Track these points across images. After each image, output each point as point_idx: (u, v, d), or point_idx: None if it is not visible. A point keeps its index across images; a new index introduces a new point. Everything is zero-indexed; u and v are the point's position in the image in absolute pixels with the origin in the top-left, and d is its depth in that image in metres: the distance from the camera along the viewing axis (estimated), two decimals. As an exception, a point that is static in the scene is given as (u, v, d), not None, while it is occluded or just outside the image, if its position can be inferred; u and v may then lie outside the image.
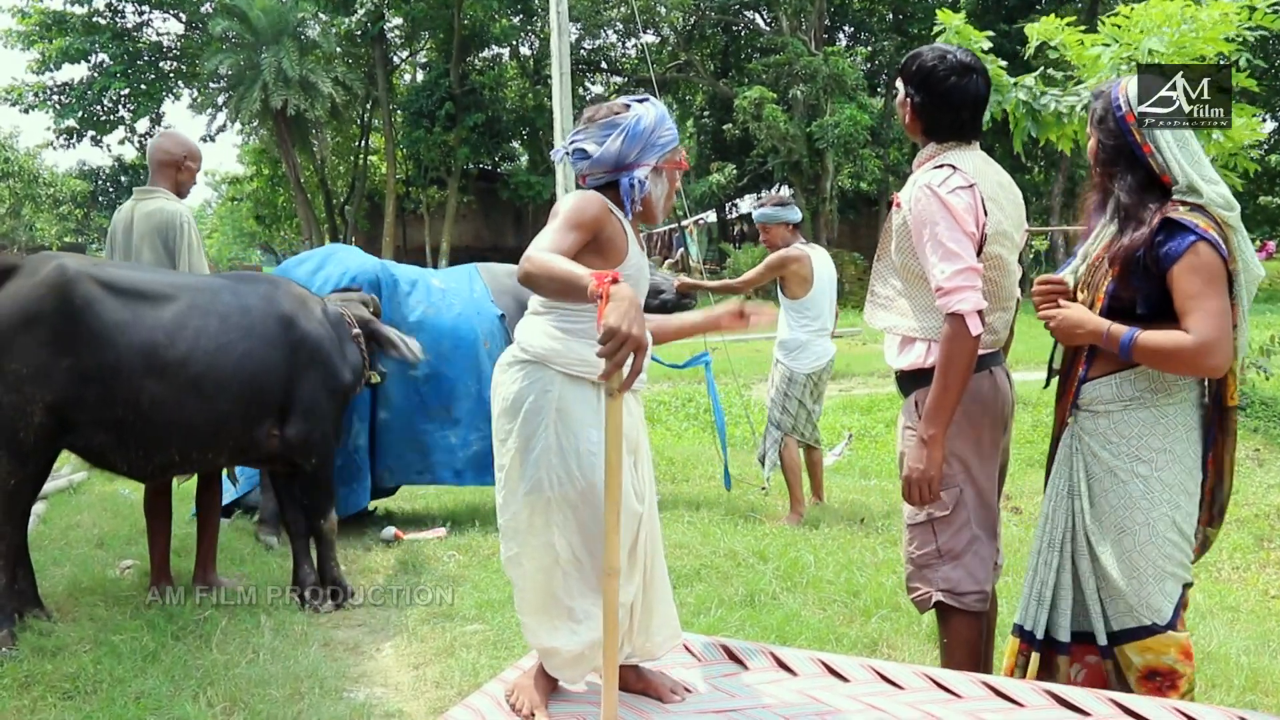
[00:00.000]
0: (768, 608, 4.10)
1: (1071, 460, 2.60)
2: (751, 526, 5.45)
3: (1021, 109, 6.91)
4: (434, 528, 5.54)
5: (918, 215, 2.66)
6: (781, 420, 5.72)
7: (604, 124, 2.49)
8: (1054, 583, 2.58)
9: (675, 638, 2.63)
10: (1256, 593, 4.88)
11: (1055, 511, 2.60)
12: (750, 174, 29.40)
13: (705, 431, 9.28)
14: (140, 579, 4.51)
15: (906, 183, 2.80)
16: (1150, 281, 2.42)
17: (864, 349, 15.11)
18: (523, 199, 31.86)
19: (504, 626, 3.88)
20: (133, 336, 3.78)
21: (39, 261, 3.79)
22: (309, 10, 29.01)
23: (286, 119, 29.25)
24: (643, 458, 2.55)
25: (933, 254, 2.62)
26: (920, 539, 2.80)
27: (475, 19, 30.06)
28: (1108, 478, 2.52)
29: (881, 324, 2.89)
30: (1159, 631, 2.46)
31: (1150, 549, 2.47)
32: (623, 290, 1.96)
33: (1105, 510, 2.52)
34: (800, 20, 28.26)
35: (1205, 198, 2.42)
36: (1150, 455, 2.49)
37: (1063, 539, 2.58)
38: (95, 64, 30.93)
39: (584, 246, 2.37)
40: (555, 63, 11.41)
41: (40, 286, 3.67)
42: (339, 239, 35.56)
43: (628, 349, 1.91)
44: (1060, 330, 2.55)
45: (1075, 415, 2.61)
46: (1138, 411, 2.50)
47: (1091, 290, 2.54)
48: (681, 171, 2.64)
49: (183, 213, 4.34)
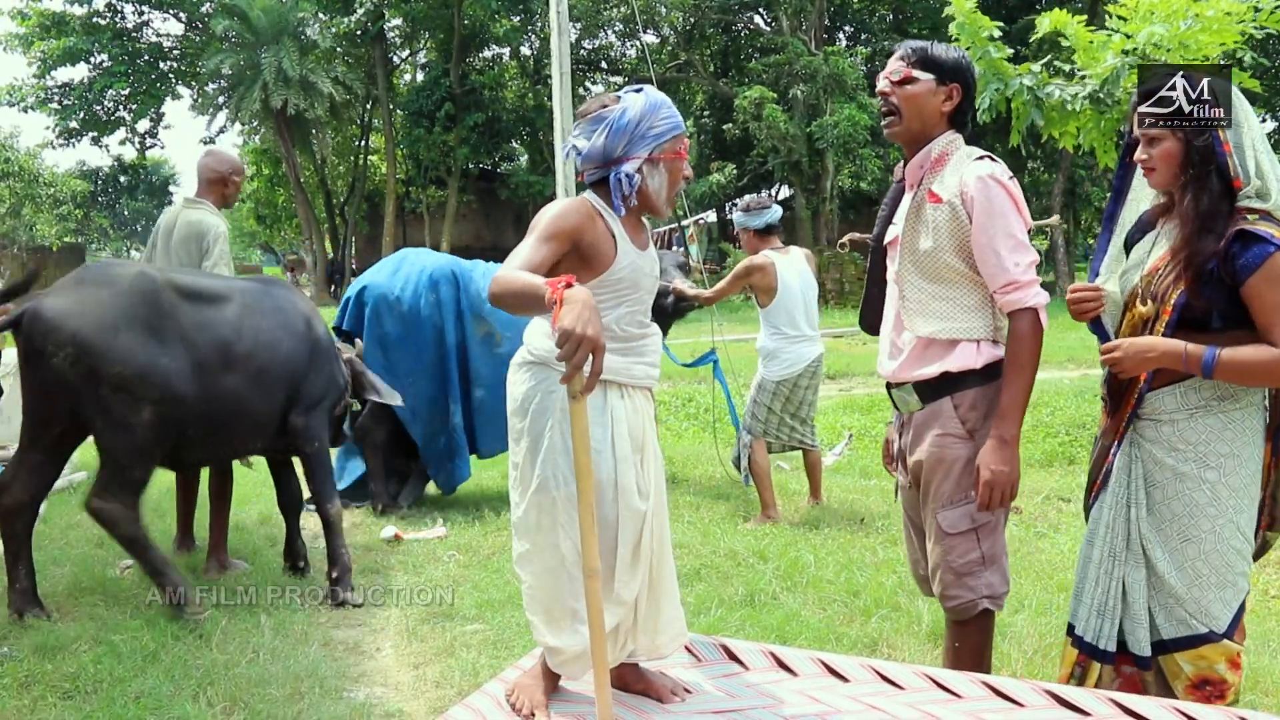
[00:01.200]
0: (768, 607, 4.10)
1: (1131, 469, 2.55)
2: (754, 526, 5.45)
3: (1026, 96, 6.89)
4: (434, 528, 5.54)
5: (984, 206, 2.55)
6: (751, 425, 5.73)
7: (592, 119, 2.48)
8: (1115, 593, 2.54)
9: (681, 637, 2.63)
10: (1256, 592, 4.87)
11: (1116, 520, 2.56)
12: (750, 174, 29.42)
13: (705, 431, 9.28)
14: (140, 579, 4.51)
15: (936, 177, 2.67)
16: (1222, 293, 2.37)
17: (864, 349, 15.11)
18: (523, 199, 31.88)
19: (504, 626, 3.88)
20: (210, 335, 4.11)
21: (117, 269, 4.06)
22: (309, 10, 29.06)
23: (286, 119, 29.30)
24: (649, 455, 2.54)
25: (1003, 246, 2.54)
26: (963, 546, 2.69)
27: (475, 19, 30.07)
28: (1174, 483, 2.47)
29: (923, 330, 2.71)
30: (1215, 640, 2.44)
31: (1215, 556, 2.44)
32: (576, 293, 1.97)
33: (1168, 517, 2.48)
34: (800, 20, 28.29)
35: (1273, 202, 2.37)
36: (1218, 461, 2.44)
37: (1124, 549, 2.54)
38: (96, 64, 30.97)
39: (564, 256, 2.37)
40: (555, 62, 11.42)
41: (132, 293, 3.91)
42: (339, 239, 35.60)
43: (584, 350, 1.92)
44: (1129, 364, 2.45)
45: (1135, 424, 2.55)
46: (1204, 419, 2.45)
47: (1157, 301, 2.46)
48: (683, 161, 2.55)
49: (219, 226, 4.77)
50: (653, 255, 2.63)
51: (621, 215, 2.48)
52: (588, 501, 2.07)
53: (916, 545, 2.92)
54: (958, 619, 2.76)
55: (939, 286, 2.68)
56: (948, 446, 2.68)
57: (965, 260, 2.63)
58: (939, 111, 2.67)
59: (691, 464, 7.42)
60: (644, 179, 2.48)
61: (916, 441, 2.76)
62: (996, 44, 6.91)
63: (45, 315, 3.76)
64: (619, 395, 2.47)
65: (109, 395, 3.79)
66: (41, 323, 3.75)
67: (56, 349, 3.74)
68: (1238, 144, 2.39)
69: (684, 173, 2.56)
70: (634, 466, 2.46)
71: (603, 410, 2.42)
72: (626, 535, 2.44)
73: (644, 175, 2.48)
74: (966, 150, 2.68)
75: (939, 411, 2.70)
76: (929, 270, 2.68)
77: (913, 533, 2.93)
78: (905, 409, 2.82)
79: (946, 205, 2.61)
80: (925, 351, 2.71)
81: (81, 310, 3.79)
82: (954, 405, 2.68)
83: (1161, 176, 2.48)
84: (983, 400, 2.65)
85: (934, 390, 2.71)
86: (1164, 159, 2.46)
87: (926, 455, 2.71)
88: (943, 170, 2.67)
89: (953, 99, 2.66)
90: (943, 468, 2.68)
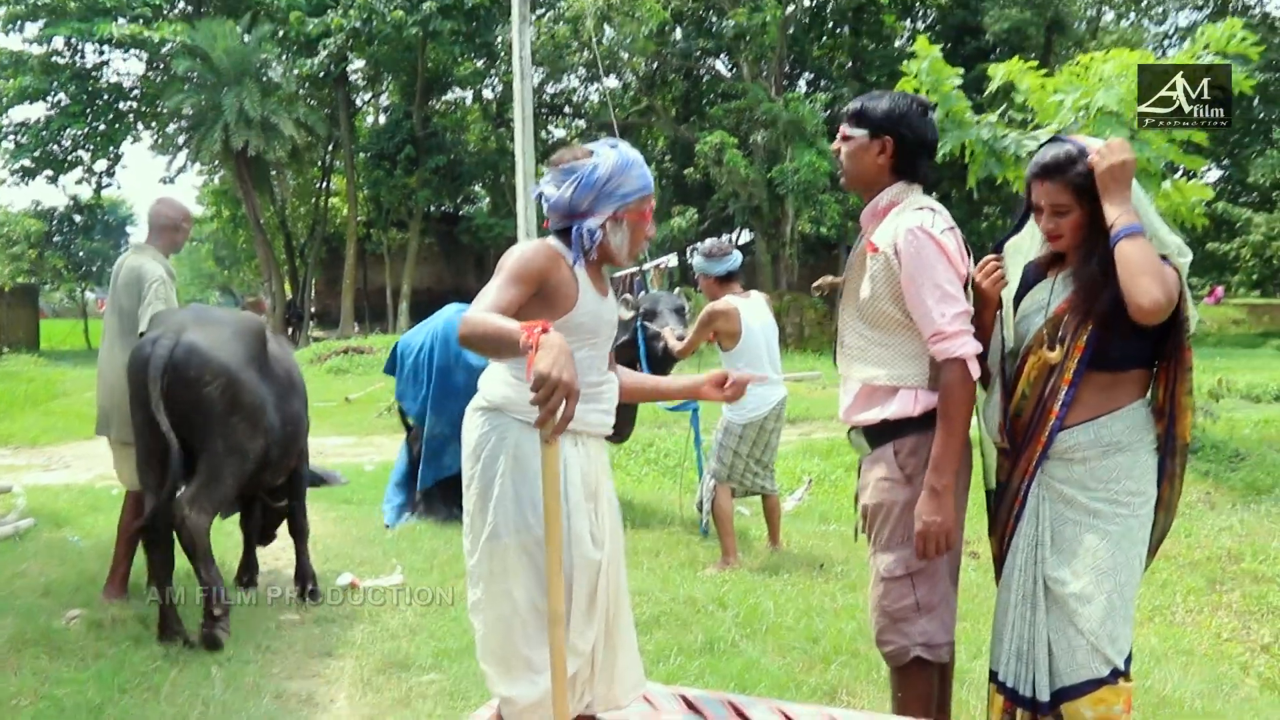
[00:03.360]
0: (727, 655, 4.08)
1: (1039, 510, 2.60)
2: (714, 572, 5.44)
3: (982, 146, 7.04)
4: (391, 575, 5.47)
5: (911, 258, 2.60)
6: (717, 470, 5.72)
7: (563, 170, 2.51)
8: (1030, 638, 2.57)
9: (639, 687, 2.62)
10: (1210, 636, 4.93)
11: (1026, 564, 2.61)
12: (711, 218, 29.64)
13: (665, 476, 9.27)
14: (87, 629, 4.41)
15: (877, 226, 2.73)
16: (1124, 329, 2.46)
17: (823, 393, 15.20)
18: (484, 242, 31.85)
19: (461, 676, 3.83)
20: (279, 366, 4.77)
21: (219, 312, 4.74)
22: (272, 51, 29.01)
23: (247, 160, 29.13)
24: (604, 503, 2.54)
25: (929, 297, 2.58)
26: (897, 592, 2.71)
27: (438, 61, 30.21)
28: (1088, 520, 2.53)
29: (859, 375, 2.78)
30: (1113, 682, 2.48)
31: (1128, 589, 2.52)
32: (552, 339, 2.00)
33: (1080, 553, 2.53)
34: (760, 67, 28.69)
35: (1169, 247, 2.49)
36: (1128, 498, 2.53)
37: (1033, 591, 2.58)
38: (53, 103, 30.67)
39: (530, 298, 2.38)
40: (518, 106, 11.50)
41: (246, 334, 4.51)
42: (299, 281, 35.35)
43: (559, 394, 1.94)
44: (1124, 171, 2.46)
45: (1043, 465, 2.60)
46: (1115, 456, 2.53)
47: (1065, 344, 2.54)
48: (647, 221, 2.58)
49: (157, 271, 4.87)
50: (612, 303, 2.66)
51: (578, 263, 2.50)
52: (556, 547, 2.07)
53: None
54: (893, 665, 2.80)
55: (877, 333, 2.74)
56: (887, 490, 2.73)
57: (901, 309, 2.68)
58: (875, 165, 2.74)
59: (651, 509, 7.40)
60: (606, 236, 2.50)
61: (864, 485, 2.82)
62: (959, 94, 7.06)
63: (201, 348, 4.25)
64: (572, 443, 2.47)
65: (238, 423, 4.31)
66: (199, 355, 4.23)
67: (212, 379, 4.22)
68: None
69: (647, 232, 2.59)
70: (588, 515, 2.46)
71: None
72: (581, 584, 2.43)
73: (606, 232, 2.50)
74: (913, 200, 2.72)
75: (881, 456, 2.76)
76: (869, 317, 2.74)
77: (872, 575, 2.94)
78: (860, 452, 2.88)
79: (882, 255, 2.67)
80: (870, 397, 2.77)
81: (223, 346, 4.32)
82: (894, 451, 2.73)
83: (1068, 242, 2.59)
84: (922, 446, 2.68)
85: (878, 435, 2.77)
86: (1072, 228, 2.56)
87: (870, 499, 2.78)
88: (883, 221, 2.73)
89: (886, 151, 2.71)
90: (883, 511, 2.74)
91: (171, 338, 4.23)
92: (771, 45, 27.60)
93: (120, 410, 4.62)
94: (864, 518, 2.84)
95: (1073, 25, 29.34)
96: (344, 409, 14.86)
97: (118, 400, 4.64)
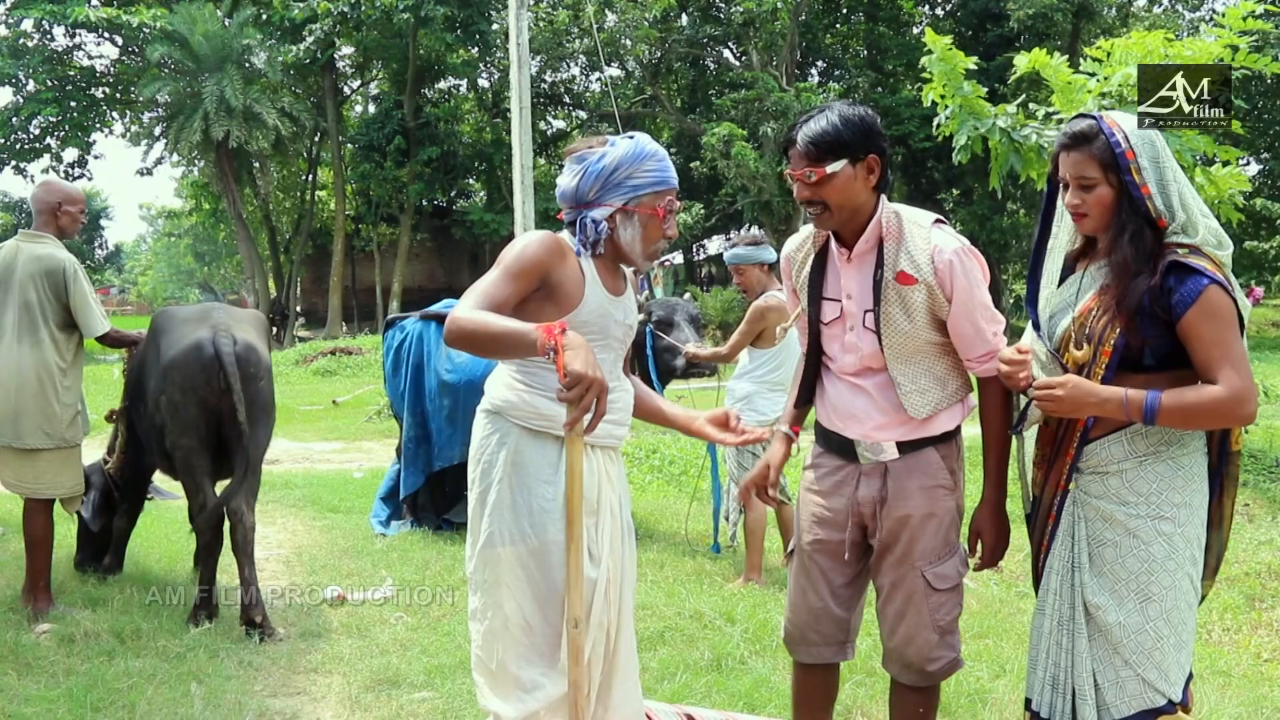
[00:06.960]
0: (735, 673, 4.07)
1: (1074, 529, 2.53)
2: (718, 586, 5.42)
3: (1002, 139, 7.03)
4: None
5: (963, 280, 2.59)
6: (740, 475, 5.70)
7: (575, 158, 2.53)
8: (1067, 666, 2.52)
9: (636, 718, 2.61)
10: (1249, 656, 4.92)
11: (1062, 587, 2.55)
12: (719, 214, 29.68)
13: (670, 484, 9.26)
14: (59, 644, 4.40)
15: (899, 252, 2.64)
16: (1156, 329, 2.39)
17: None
18: (478, 238, 31.90)
19: (454, 694, 3.82)
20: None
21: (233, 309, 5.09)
22: (254, 37, 29.02)
23: (229, 151, 29.19)
24: (605, 518, 2.52)
25: (981, 318, 2.63)
26: (950, 602, 2.73)
27: (430, 49, 30.25)
28: (1126, 541, 2.45)
29: (927, 410, 2.70)
30: (1170, 711, 2.42)
31: (1174, 615, 2.43)
32: (575, 338, 2.01)
33: (1123, 577, 2.45)
34: (771, 55, 28.72)
35: (1200, 237, 2.41)
36: (1172, 511, 2.44)
37: (1070, 617, 2.52)
38: (21, 88, 30.70)
39: (531, 293, 2.38)
40: (515, 96, 11.49)
41: (261, 327, 4.99)
42: (284, 278, 35.39)
43: (593, 393, 1.95)
44: (1068, 407, 2.41)
45: (1076, 479, 2.54)
46: (1154, 466, 2.45)
47: (1093, 344, 2.46)
48: (661, 217, 2.54)
49: (71, 260, 4.87)
50: (628, 304, 2.63)
51: (585, 257, 2.50)
52: (576, 550, 2.09)
53: (825, 603, 2.84)
54: (938, 680, 2.77)
55: (925, 362, 2.71)
56: (940, 499, 2.71)
57: (939, 330, 2.68)
58: (866, 189, 2.64)
59: (656, 519, 7.39)
60: (614, 229, 2.49)
61: (899, 494, 2.71)
62: (972, 82, 7.06)
63: (255, 345, 4.75)
64: None
65: (266, 415, 4.81)
66: (255, 352, 4.73)
67: (263, 374, 4.76)
68: (1160, 182, 2.42)
69: (667, 231, 2.55)
70: (586, 529, 2.44)
71: (556, 468, 2.42)
72: (574, 601, 2.43)
73: (615, 225, 2.49)
74: (908, 215, 2.67)
75: (925, 462, 2.72)
76: (912, 350, 2.68)
77: (824, 590, 2.84)
78: (875, 456, 2.75)
79: (922, 285, 2.61)
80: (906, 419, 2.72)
81: (264, 343, 4.88)
82: (940, 455, 2.72)
83: (1095, 222, 2.51)
84: (958, 448, 2.78)
85: (914, 443, 2.72)
86: (1099, 205, 2.47)
87: (916, 509, 2.70)
88: (901, 245, 2.64)
89: (874, 170, 2.62)
90: (934, 521, 2.70)
91: (228, 335, 4.65)
92: (782, 32, 27.65)
93: (13, 413, 4.65)
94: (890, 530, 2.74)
95: (1101, 11, 29.18)
96: (331, 412, 14.86)
97: (15, 404, 4.66)
